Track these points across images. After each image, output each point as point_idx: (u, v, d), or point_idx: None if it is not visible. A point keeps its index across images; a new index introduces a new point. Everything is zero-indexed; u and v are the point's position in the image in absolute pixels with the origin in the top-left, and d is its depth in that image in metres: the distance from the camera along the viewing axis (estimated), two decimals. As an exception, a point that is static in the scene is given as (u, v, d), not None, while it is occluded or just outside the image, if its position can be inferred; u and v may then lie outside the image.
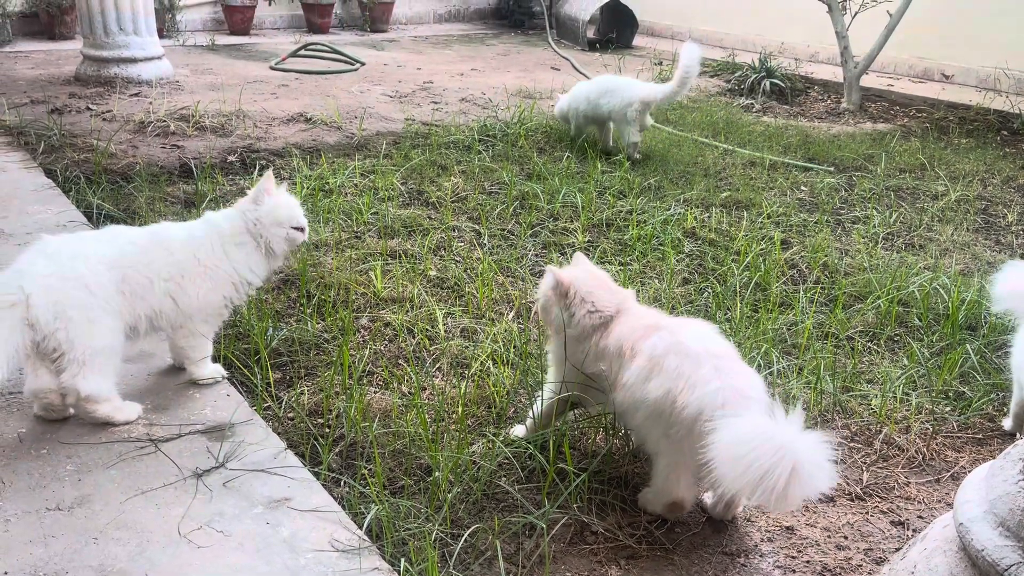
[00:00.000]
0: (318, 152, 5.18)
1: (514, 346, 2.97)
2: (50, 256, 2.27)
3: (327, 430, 2.48)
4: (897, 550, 2.07)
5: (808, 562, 2.11)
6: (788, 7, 9.28)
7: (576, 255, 2.51)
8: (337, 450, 2.41)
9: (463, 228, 4.09)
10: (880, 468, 2.50)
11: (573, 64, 8.88)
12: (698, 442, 1.96)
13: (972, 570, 1.57)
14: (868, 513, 2.30)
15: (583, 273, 2.39)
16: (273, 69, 7.88)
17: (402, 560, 1.94)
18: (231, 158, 4.99)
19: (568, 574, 2.02)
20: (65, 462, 2.20)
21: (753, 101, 7.49)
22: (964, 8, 7.99)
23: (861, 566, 2.11)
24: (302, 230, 2.64)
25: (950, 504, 2.26)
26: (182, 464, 2.21)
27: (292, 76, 7.64)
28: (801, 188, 5.05)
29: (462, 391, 2.66)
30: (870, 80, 8.00)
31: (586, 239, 4.02)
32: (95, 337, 2.24)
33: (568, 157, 5.19)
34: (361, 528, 2.03)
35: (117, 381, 2.38)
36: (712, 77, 8.48)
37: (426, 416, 2.51)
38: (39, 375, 2.28)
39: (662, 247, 3.86)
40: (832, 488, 1.89)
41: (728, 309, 3.33)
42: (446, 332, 3.09)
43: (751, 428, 1.86)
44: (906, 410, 2.76)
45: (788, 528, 2.22)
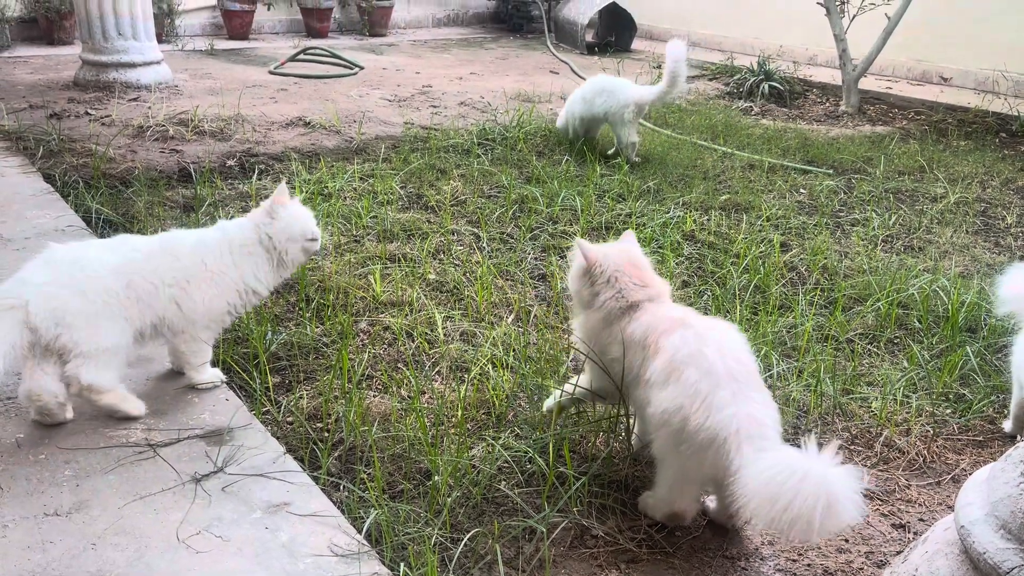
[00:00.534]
0: (317, 156, 5.18)
1: (513, 350, 2.97)
2: (51, 265, 2.31)
3: (326, 434, 2.47)
4: (898, 553, 2.06)
5: (809, 565, 2.10)
6: (787, 10, 9.31)
7: (626, 232, 2.38)
8: (336, 454, 2.40)
9: (462, 232, 4.09)
10: (881, 471, 2.50)
11: (572, 68, 8.89)
12: (709, 465, 1.94)
13: (974, 573, 1.56)
14: (869, 516, 2.30)
15: (617, 253, 2.26)
16: (272, 73, 7.89)
17: (401, 565, 1.94)
18: (230, 162, 4.99)
19: (568, 578, 2.02)
20: (63, 467, 2.19)
21: (752, 104, 7.50)
22: (962, 10, 8.00)
23: (862, 569, 2.10)
24: (315, 240, 2.65)
25: (951, 507, 2.25)
26: (181, 469, 2.20)
27: (291, 80, 7.64)
28: (800, 191, 5.05)
29: (461, 395, 2.65)
30: (869, 83, 8.00)
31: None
32: (100, 338, 2.29)
33: (567, 160, 5.19)
34: (360, 533, 2.03)
35: (121, 380, 2.39)
36: (711, 80, 8.49)
37: (425, 420, 2.50)
38: (34, 376, 2.29)
39: (661, 250, 3.86)
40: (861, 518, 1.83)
41: (728, 312, 3.32)
42: (445, 336, 3.08)
43: (785, 466, 1.79)
44: (906, 412, 2.76)
45: (789, 531, 2.21)
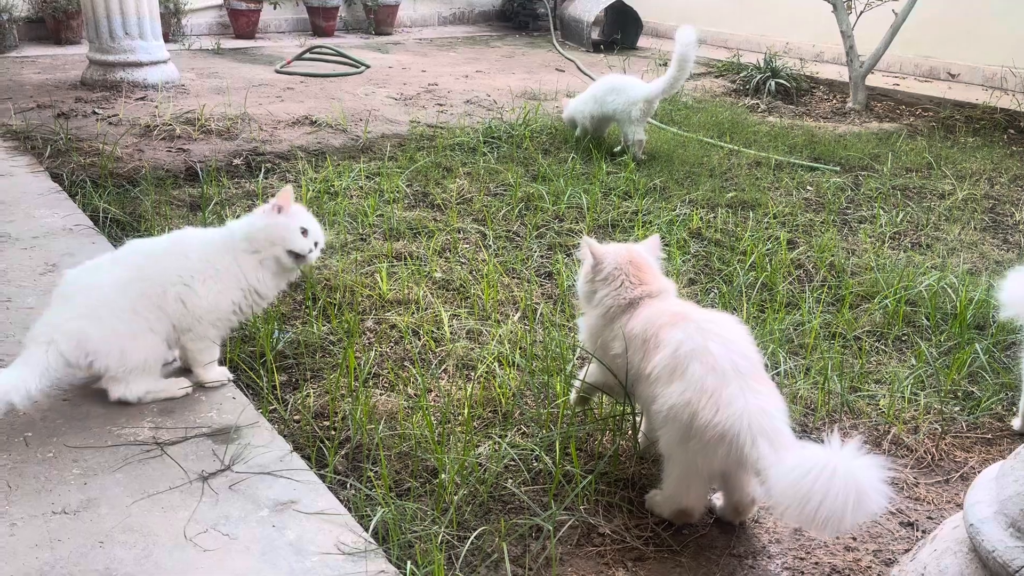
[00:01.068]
0: (323, 155, 5.18)
1: (520, 348, 2.97)
2: (67, 299, 2.42)
3: (333, 432, 2.48)
4: (907, 551, 2.05)
5: (816, 564, 2.09)
6: (793, 7, 9.27)
7: (652, 237, 2.40)
8: (343, 452, 2.40)
9: (468, 230, 4.08)
10: (889, 468, 2.48)
11: (578, 65, 8.88)
12: (720, 461, 1.94)
13: (983, 571, 1.56)
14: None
15: (619, 251, 2.28)
16: (278, 72, 7.90)
17: (408, 563, 1.94)
18: (236, 161, 5.00)
19: (575, 576, 2.01)
20: (71, 466, 2.20)
21: (758, 101, 7.47)
22: (970, 6, 7.97)
23: (870, 567, 2.09)
24: (299, 256, 2.57)
25: (960, 505, 2.25)
26: (188, 467, 2.21)
27: (297, 79, 7.65)
28: (807, 188, 5.03)
29: (468, 393, 2.65)
30: (876, 79, 7.97)
31: (592, 240, 4.01)
32: (126, 359, 2.41)
33: (573, 158, 5.19)
34: (367, 531, 2.03)
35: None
36: (717, 77, 8.47)
37: (432, 418, 2.50)
38: None
39: (668, 247, 3.85)
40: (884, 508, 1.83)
41: (734, 309, 3.31)
42: (452, 334, 3.08)
43: (813, 464, 1.77)
44: (914, 410, 2.75)
45: (796, 530, 2.21)
